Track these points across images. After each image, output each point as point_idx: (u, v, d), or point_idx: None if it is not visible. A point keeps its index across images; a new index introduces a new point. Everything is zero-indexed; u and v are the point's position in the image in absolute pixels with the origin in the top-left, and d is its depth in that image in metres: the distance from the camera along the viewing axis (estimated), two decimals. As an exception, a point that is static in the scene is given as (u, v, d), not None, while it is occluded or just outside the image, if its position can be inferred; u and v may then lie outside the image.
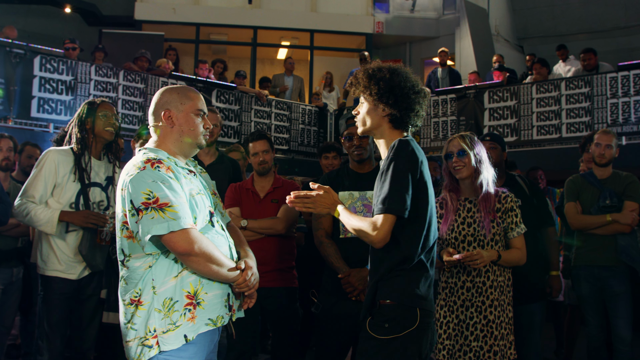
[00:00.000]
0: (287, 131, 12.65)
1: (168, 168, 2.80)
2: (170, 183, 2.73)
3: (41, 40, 12.40)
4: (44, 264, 4.32)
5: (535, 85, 10.77)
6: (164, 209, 2.65)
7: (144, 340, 2.73)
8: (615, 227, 5.20)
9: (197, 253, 2.69)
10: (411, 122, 3.12)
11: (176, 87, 3.11)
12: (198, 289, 2.80)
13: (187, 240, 2.66)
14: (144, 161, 2.78)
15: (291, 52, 17.19)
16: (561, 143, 10.39)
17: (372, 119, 3.14)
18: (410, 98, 3.06)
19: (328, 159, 6.29)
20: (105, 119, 4.45)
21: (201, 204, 2.91)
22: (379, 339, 2.93)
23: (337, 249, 4.28)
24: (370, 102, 3.14)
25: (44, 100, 9.61)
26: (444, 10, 16.89)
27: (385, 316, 2.95)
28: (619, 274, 5.20)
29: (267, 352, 6.58)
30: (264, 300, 4.76)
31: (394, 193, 2.85)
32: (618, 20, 16.14)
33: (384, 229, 2.84)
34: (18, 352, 6.30)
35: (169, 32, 15.54)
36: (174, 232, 2.64)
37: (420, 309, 2.95)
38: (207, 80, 11.74)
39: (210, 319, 2.83)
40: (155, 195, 2.66)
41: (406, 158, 2.92)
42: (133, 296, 2.78)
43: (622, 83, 9.85)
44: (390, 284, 2.96)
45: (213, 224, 2.97)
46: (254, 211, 4.85)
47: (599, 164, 5.36)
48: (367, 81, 3.13)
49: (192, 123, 3.00)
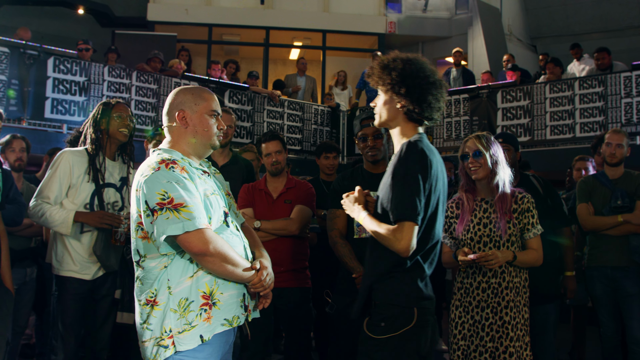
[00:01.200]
0: (299, 131, 12.65)
1: (182, 169, 2.80)
2: (184, 183, 2.73)
3: (54, 41, 12.47)
4: (58, 264, 4.34)
5: (549, 85, 10.72)
6: (179, 209, 2.64)
7: (159, 340, 2.73)
8: (627, 228, 5.17)
9: (213, 253, 2.68)
10: (425, 115, 3.10)
11: (190, 87, 3.11)
12: (214, 289, 2.79)
13: (202, 240, 2.66)
14: (158, 162, 2.78)
15: (303, 53, 17.20)
16: (575, 143, 10.33)
17: (387, 111, 3.16)
18: (423, 88, 3.05)
19: (328, 159, 6.26)
20: (120, 120, 4.46)
21: (216, 205, 2.90)
22: (376, 339, 2.95)
23: (351, 249, 4.27)
24: (385, 94, 3.16)
25: (58, 101, 9.66)
26: (456, 10, 16.85)
27: (382, 315, 2.97)
28: (632, 275, 5.17)
29: (280, 352, 6.57)
30: (277, 300, 4.75)
31: (406, 199, 2.86)
32: (632, 19, 16.04)
33: (408, 238, 2.84)
34: (32, 351, 6.33)
35: (181, 33, 15.59)
36: (189, 232, 2.63)
37: (417, 308, 2.96)
38: (220, 81, 11.76)
39: (226, 319, 2.82)
40: (170, 196, 2.65)
41: (416, 161, 2.92)
42: (149, 296, 2.78)
43: (637, 82, 9.79)
44: (387, 285, 2.98)
45: (228, 224, 2.96)
46: (267, 212, 4.85)
47: (610, 163, 5.33)
48: (380, 71, 3.14)
49: (206, 124, 2.99)
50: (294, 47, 17.69)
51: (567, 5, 16.90)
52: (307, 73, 14.01)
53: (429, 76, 3.08)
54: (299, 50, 17.58)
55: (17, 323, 5.35)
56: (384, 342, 2.92)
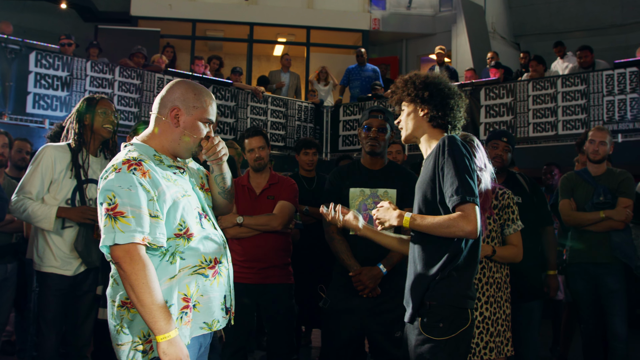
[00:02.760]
0: (283, 128, 12.64)
1: (145, 173, 2.65)
2: (135, 192, 2.58)
3: (37, 36, 12.36)
4: (39, 260, 4.31)
5: (532, 83, 10.76)
6: (118, 217, 2.52)
7: (137, 345, 2.64)
8: (609, 224, 5.21)
9: (127, 272, 2.51)
10: (449, 120, 3.18)
11: (194, 85, 2.95)
12: (194, 291, 2.70)
13: (128, 254, 2.52)
14: (122, 161, 2.65)
15: (287, 49, 17.16)
16: (557, 140, 10.38)
17: (412, 122, 3.25)
18: (445, 93, 3.16)
19: (308, 155, 6.27)
20: (104, 116, 4.44)
21: (188, 207, 2.78)
22: (436, 340, 2.93)
23: (348, 246, 4.28)
24: (409, 106, 3.26)
25: (40, 96, 9.57)
26: (440, 7, 16.86)
27: (438, 316, 2.95)
28: (614, 271, 5.22)
29: (263, 349, 6.57)
30: (260, 297, 4.77)
31: (465, 181, 2.89)
32: (614, 17, 16.14)
33: (475, 219, 2.86)
34: (13, 348, 6.29)
35: (165, 28, 15.51)
36: (118, 245, 2.52)
37: (471, 309, 2.99)
38: (203, 77, 11.71)
39: (205, 322, 2.76)
40: (115, 202, 2.54)
41: (460, 150, 2.98)
42: (124, 298, 2.66)
43: (618, 80, 9.85)
44: (443, 285, 2.97)
45: (203, 225, 2.84)
46: (249, 208, 4.85)
47: (593, 160, 5.38)
48: (403, 84, 3.28)
49: (197, 131, 2.86)
50: (278, 43, 17.66)
51: (550, 3, 16.97)
52: (291, 69, 13.97)
53: (450, 86, 3.22)
54: (283, 46, 17.54)
55: (-2, 319, 5.32)
56: (444, 343, 2.92)
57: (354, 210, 3.43)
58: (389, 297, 4.22)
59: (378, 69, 13.83)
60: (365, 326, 4.26)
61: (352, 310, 4.24)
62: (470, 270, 3.02)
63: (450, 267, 2.95)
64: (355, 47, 15.53)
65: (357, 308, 4.22)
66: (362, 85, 13.33)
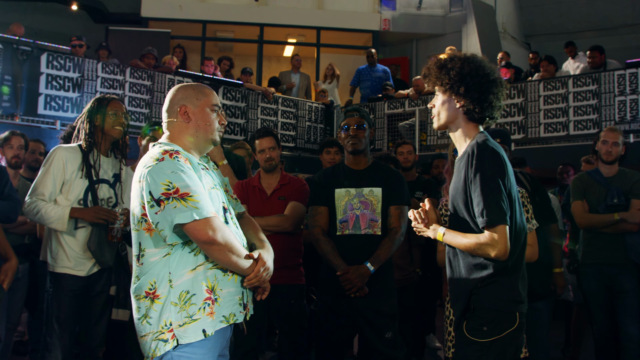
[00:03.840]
0: (293, 128, 12.65)
1: (186, 159, 2.80)
2: (189, 173, 2.73)
3: (48, 37, 12.44)
4: (53, 261, 4.32)
5: (543, 83, 10.73)
6: (186, 198, 2.65)
7: (159, 334, 2.72)
8: (623, 226, 5.20)
9: (220, 242, 2.69)
10: (486, 114, 3.04)
11: (191, 84, 3.12)
12: (215, 284, 2.79)
13: (211, 228, 2.67)
14: (161, 152, 2.77)
15: (298, 50, 17.16)
16: (569, 140, 10.35)
17: (447, 112, 3.10)
18: (483, 87, 2.99)
19: (330, 154, 6.30)
20: (115, 117, 4.45)
21: (215, 199, 2.91)
22: (481, 343, 2.90)
23: (334, 247, 4.30)
24: (444, 94, 3.10)
25: (51, 97, 9.63)
26: (450, 7, 16.83)
27: (483, 319, 2.92)
28: (627, 272, 5.21)
29: (274, 350, 6.58)
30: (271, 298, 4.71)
31: (492, 202, 2.81)
32: (625, 17, 16.08)
33: (504, 242, 2.81)
34: (25, 348, 6.32)
35: (175, 30, 15.55)
36: (197, 220, 2.64)
37: (519, 312, 2.94)
38: (214, 78, 11.74)
39: (224, 315, 2.82)
40: (175, 186, 2.66)
41: (491, 161, 2.87)
42: (148, 288, 2.76)
43: (630, 80, 9.82)
44: (488, 291, 2.93)
45: (227, 221, 2.95)
46: (261, 208, 4.85)
47: (606, 161, 5.36)
48: (438, 71, 3.09)
49: (208, 118, 3.01)
50: (288, 44, 17.66)
51: (561, 3, 16.92)
52: (301, 70, 14.01)
53: (488, 74, 3.02)
54: (293, 47, 17.54)
55: (10, 320, 5.34)
56: (489, 345, 2.89)
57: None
58: (376, 297, 4.24)
59: (388, 70, 13.85)
60: (357, 327, 4.27)
61: (341, 312, 4.26)
62: (515, 274, 2.96)
63: (495, 272, 2.90)
64: (365, 48, 15.54)
65: (347, 309, 4.23)
66: (373, 85, 13.34)
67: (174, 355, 2.72)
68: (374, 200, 4.34)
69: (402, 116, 12.30)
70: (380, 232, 4.33)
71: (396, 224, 4.32)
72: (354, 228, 4.33)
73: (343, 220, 4.36)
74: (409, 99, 12.28)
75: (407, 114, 12.21)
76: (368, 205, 4.34)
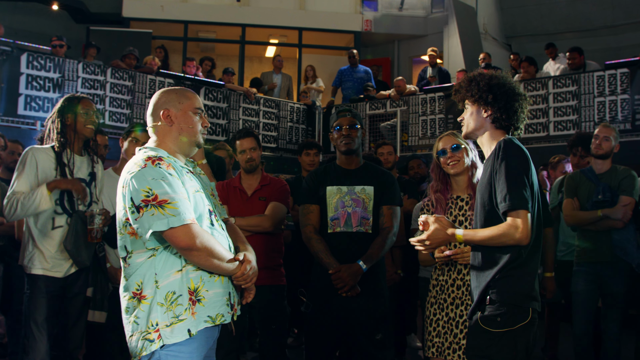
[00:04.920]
0: (275, 129, 12.64)
1: (169, 165, 2.83)
2: (170, 180, 2.76)
3: (28, 37, 12.34)
4: (30, 263, 4.30)
5: (523, 84, 10.78)
6: (164, 205, 2.68)
7: (145, 334, 2.75)
8: (607, 223, 5.24)
9: (199, 247, 2.72)
10: (512, 122, 3.20)
11: (174, 88, 3.16)
12: (199, 286, 2.83)
13: (188, 235, 2.69)
14: (144, 159, 2.81)
15: (280, 50, 17.17)
16: (549, 141, 10.42)
17: (475, 121, 3.26)
18: (509, 96, 3.17)
19: (309, 156, 6.31)
20: (86, 116, 4.45)
21: (200, 203, 2.94)
22: (493, 332, 3.00)
23: (326, 245, 4.28)
24: (473, 106, 3.27)
25: (31, 97, 9.55)
26: (432, 8, 16.88)
27: (498, 311, 3.02)
28: (618, 273, 5.24)
29: (255, 350, 6.57)
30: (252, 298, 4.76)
31: (514, 188, 2.93)
32: (605, 19, 16.19)
33: (525, 226, 2.91)
34: (5, 351, 6.27)
35: (157, 30, 15.48)
36: (175, 227, 2.67)
37: (533, 309, 3.04)
38: (195, 78, 11.72)
39: (209, 316, 2.84)
40: (154, 193, 2.69)
41: (515, 155, 3.02)
42: (135, 289, 2.80)
43: (609, 81, 9.90)
44: (503, 284, 3.03)
45: (212, 223, 2.99)
46: (241, 209, 4.86)
47: (596, 155, 5.40)
48: (467, 84, 3.30)
49: (191, 121, 3.04)
50: (270, 45, 17.65)
51: (541, 4, 17.00)
52: (283, 71, 14.00)
53: (514, 87, 3.22)
54: (275, 47, 17.54)
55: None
56: (500, 335, 2.99)
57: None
58: (368, 298, 4.24)
59: (370, 70, 13.88)
60: (347, 328, 4.27)
61: (333, 314, 4.25)
62: (532, 269, 3.06)
63: (510, 267, 3.00)
64: (347, 49, 15.54)
65: (338, 310, 4.23)
66: (354, 86, 13.37)
67: (161, 355, 2.75)
68: (366, 198, 4.33)
69: (384, 117, 12.33)
70: (371, 231, 4.33)
71: (389, 224, 4.33)
72: (345, 225, 4.32)
73: (334, 218, 4.35)
74: (390, 100, 12.32)
75: (389, 115, 12.24)
76: (360, 203, 4.33)
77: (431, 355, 3.94)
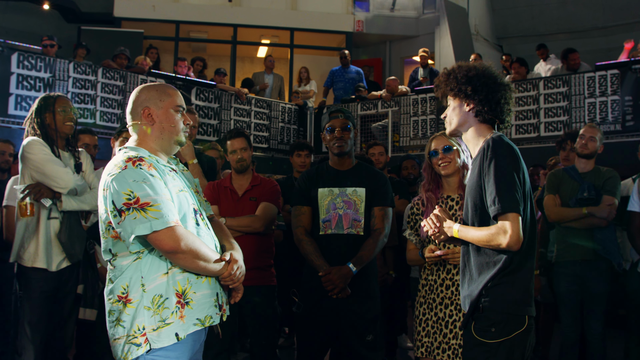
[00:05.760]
0: (266, 129, 12.63)
1: (150, 165, 2.76)
2: (151, 182, 2.69)
3: (19, 37, 12.30)
4: (23, 255, 4.30)
5: (514, 84, 10.81)
6: (146, 209, 2.62)
7: (131, 338, 2.70)
8: (591, 221, 5.25)
9: (184, 250, 2.67)
10: (497, 115, 3.08)
11: (154, 84, 3.08)
12: (186, 288, 2.78)
13: (172, 237, 2.64)
14: (124, 160, 2.75)
15: (271, 50, 17.16)
16: (539, 142, 10.45)
17: (457, 116, 3.14)
18: (490, 87, 3.05)
19: (300, 157, 6.32)
20: (64, 113, 4.48)
21: (185, 202, 2.88)
22: (488, 344, 2.91)
23: (317, 247, 4.28)
24: (454, 100, 3.15)
25: (22, 97, 9.52)
26: (423, 9, 16.90)
27: (491, 320, 2.93)
28: (600, 273, 5.25)
29: (246, 351, 6.57)
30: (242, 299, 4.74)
31: (504, 191, 2.82)
32: (596, 20, 16.25)
33: (515, 231, 2.81)
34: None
35: (148, 30, 15.45)
36: (158, 231, 2.62)
37: (528, 316, 2.95)
38: (187, 78, 11.70)
39: (198, 318, 2.80)
40: (136, 196, 2.63)
41: (506, 155, 2.90)
42: (120, 292, 2.74)
43: (600, 83, 9.95)
44: (496, 292, 2.93)
45: (198, 222, 2.94)
46: (232, 209, 4.85)
47: (581, 154, 5.42)
48: (446, 78, 3.17)
49: (172, 119, 2.97)
50: (262, 45, 17.63)
51: (532, 6, 17.06)
52: (275, 71, 14.00)
53: (496, 77, 3.10)
54: (267, 48, 17.53)
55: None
56: (496, 346, 2.89)
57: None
58: (359, 300, 4.24)
59: (362, 71, 13.89)
60: (338, 329, 4.27)
61: (324, 314, 4.25)
62: (526, 274, 2.97)
63: (503, 274, 2.91)
64: (339, 49, 15.55)
65: (329, 311, 4.23)
66: (346, 87, 13.37)
67: (147, 359, 2.70)
68: (358, 200, 4.33)
69: (375, 117, 12.34)
70: (362, 233, 4.31)
71: (380, 225, 4.32)
72: (336, 228, 4.31)
73: (326, 220, 4.34)
74: (382, 100, 12.33)
75: (380, 115, 12.25)
76: (351, 205, 4.33)
77: (420, 355, 3.94)
